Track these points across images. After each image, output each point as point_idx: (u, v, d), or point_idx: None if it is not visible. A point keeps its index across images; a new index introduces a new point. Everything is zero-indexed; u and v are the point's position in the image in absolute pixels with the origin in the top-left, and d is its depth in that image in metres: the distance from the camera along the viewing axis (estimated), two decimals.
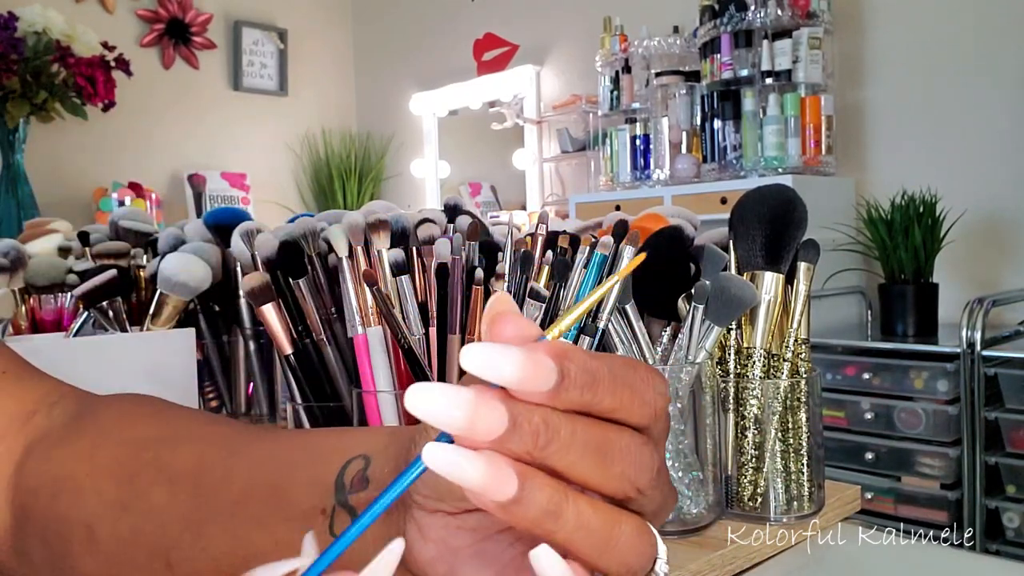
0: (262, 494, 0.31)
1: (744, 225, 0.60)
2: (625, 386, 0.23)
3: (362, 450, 0.30)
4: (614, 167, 2.66)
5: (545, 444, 0.22)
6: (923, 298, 1.90)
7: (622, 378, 0.23)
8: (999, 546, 1.65)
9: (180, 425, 0.37)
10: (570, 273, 0.51)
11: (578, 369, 0.22)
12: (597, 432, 0.23)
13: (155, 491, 0.33)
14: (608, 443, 0.23)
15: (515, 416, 0.21)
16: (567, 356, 0.22)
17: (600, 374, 0.23)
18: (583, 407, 0.23)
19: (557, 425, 0.22)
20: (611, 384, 0.23)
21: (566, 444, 0.22)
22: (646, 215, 0.70)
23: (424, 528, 0.26)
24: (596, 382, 0.22)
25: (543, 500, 0.22)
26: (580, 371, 0.22)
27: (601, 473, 0.23)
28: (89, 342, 0.78)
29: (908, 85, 2.24)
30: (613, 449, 0.23)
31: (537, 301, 0.51)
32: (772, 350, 0.60)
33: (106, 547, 0.34)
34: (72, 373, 0.44)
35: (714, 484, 0.58)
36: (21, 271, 0.94)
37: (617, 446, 0.23)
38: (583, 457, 0.23)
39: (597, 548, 0.23)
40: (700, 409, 0.57)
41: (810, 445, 0.59)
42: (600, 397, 0.23)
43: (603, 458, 0.23)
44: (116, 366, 0.75)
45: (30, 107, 2.70)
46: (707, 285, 0.56)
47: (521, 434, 0.22)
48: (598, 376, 0.22)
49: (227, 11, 3.70)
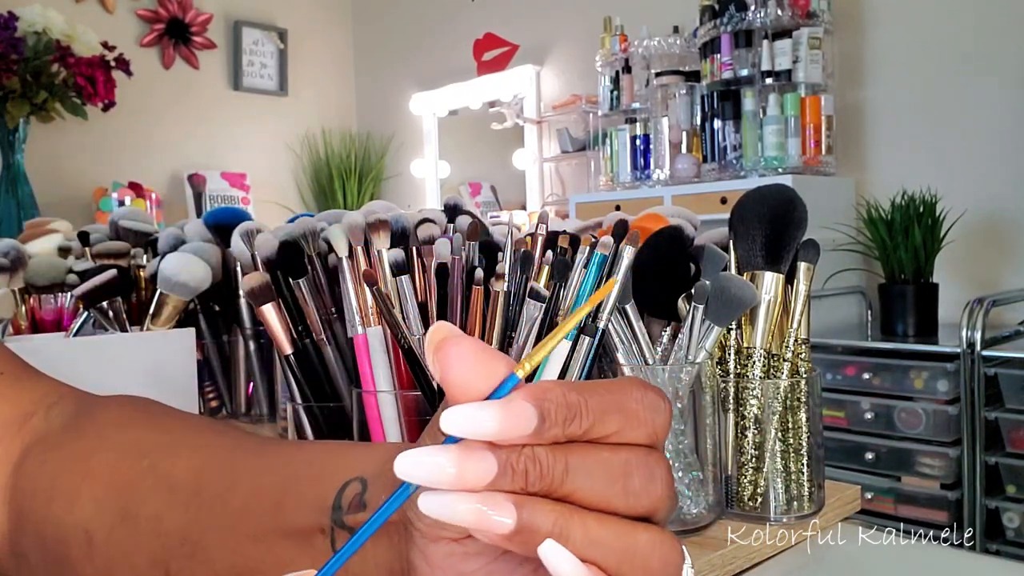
0: (262, 509, 0.31)
1: (744, 225, 0.59)
2: (614, 411, 0.24)
3: (360, 471, 0.30)
4: (614, 167, 2.66)
5: (536, 480, 0.23)
6: (923, 298, 1.90)
7: (610, 404, 0.24)
8: (999, 546, 1.65)
9: (178, 432, 0.37)
10: (570, 273, 0.51)
11: (557, 406, 0.23)
12: (590, 456, 0.23)
13: (153, 500, 0.33)
14: (605, 464, 0.23)
15: (501, 461, 0.22)
16: (545, 397, 0.23)
17: (579, 406, 0.23)
18: (571, 438, 0.23)
19: (545, 460, 0.23)
20: (596, 412, 0.23)
21: (559, 474, 0.23)
22: (646, 215, 0.70)
23: (430, 557, 0.26)
24: (576, 415, 0.23)
25: (546, 524, 0.22)
26: (559, 408, 0.23)
27: (606, 494, 0.23)
28: (89, 342, 0.78)
29: (908, 85, 2.24)
30: (613, 469, 0.23)
31: (537, 301, 0.51)
32: (772, 350, 0.60)
33: (104, 553, 0.33)
34: (72, 373, 0.44)
35: (714, 484, 0.57)
36: (21, 271, 0.94)
37: (615, 465, 0.23)
38: (584, 481, 0.23)
39: (615, 561, 0.23)
40: (700, 409, 0.57)
41: (810, 445, 0.59)
42: (585, 427, 0.23)
43: (604, 480, 0.23)
44: (116, 366, 0.75)
45: (30, 107, 2.70)
46: (707, 285, 0.56)
47: (511, 475, 0.22)
48: (578, 409, 0.23)
49: (227, 11, 3.70)
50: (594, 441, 0.24)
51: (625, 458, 0.24)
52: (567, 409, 0.23)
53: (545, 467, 0.23)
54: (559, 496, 0.23)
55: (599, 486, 0.23)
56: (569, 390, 0.23)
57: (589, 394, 0.24)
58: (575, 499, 0.23)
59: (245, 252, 0.82)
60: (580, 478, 0.23)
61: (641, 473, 0.24)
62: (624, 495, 0.23)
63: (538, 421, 0.22)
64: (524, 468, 0.22)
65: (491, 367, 0.23)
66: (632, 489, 0.24)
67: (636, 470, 0.24)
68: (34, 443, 0.38)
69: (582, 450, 0.23)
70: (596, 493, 0.23)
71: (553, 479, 0.23)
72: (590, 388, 0.24)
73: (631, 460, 0.24)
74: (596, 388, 0.24)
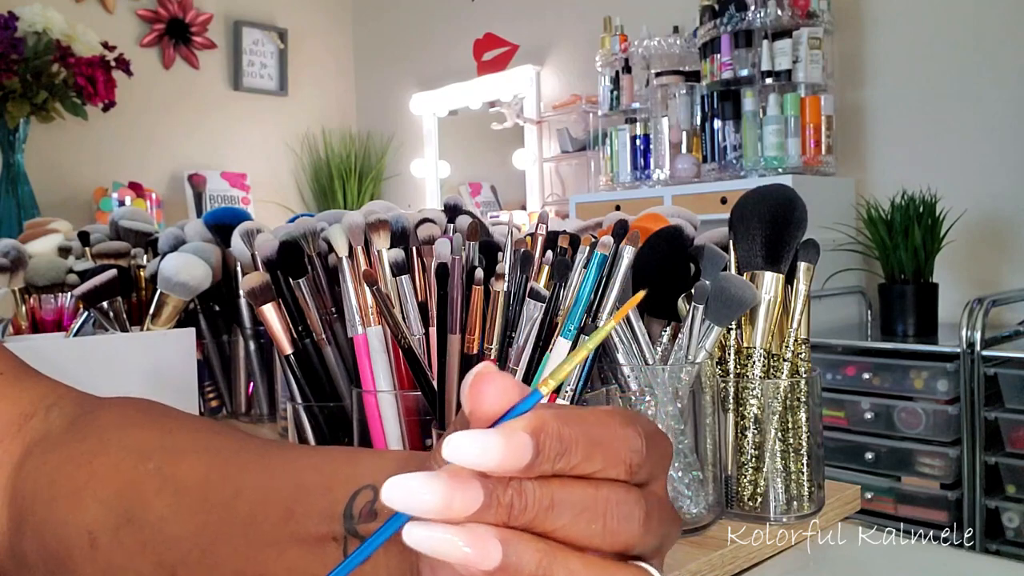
0: (274, 516, 0.31)
1: (744, 225, 0.60)
2: (597, 446, 0.24)
3: (371, 479, 0.30)
4: (614, 167, 2.66)
5: (519, 513, 0.23)
6: (923, 298, 1.90)
7: (596, 438, 0.24)
8: (999, 546, 1.65)
9: (182, 434, 0.37)
10: (570, 273, 0.51)
11: (552, 441, 0.23)
12: (574, 492, 0.23)
13: (159, 502, 0.33)
14: (587, 501, 0.23)
15: (488, 492, 0.22)
16: (543, 430, 0.23)
17: (573, 441, 0.23)
18: (557, 473, 0.23)
19: (531, 495, 0.23)
20: (585, 448, 0.23)
21: (544, 510, 0.23)
22: (646, 215, 0.70)
23: (438, 571, 0.27)
24: (568, 451, 0.23)
25: (531, 564, 0.22)
26: (554, 442, 0.23)
27: (586, 532, 0.23)
28: (89, 342, 0.78)
29: (908, 85, 2.24)
30: (593, 506, 0.24)
31: (537, 301, 0.51)
32: (772, 350, 0.60)
33: (108, 555, 0.33)
34: (72, 373, 0.44)
35: (714, 484, 0.58)
36: (21, 271, 0.94)
37: (596, 502, 0.24)
38: (568, 518, 0.23)
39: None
40: (700, 409, 0.57)
41: (810, 445, 0.59)
42: (573, 463, 0.23)
43: (585, 517, 0.23)
44: (116, 366, 0.75)
45: (30, 107, 2.70)
46: (707, 285, 0.56)
47: (496, 508, 0.22)
48: (571, 444, 0.23)
49: (227, 11, 3.70)
50: (577, 477, 0.24)
51: (605, 495, 0.24)
52: (560, 443, 0.23)
53: (531, 501, 0.23)
54: (540, 532, 0.23)
55: (581, 523, 0.23)
56: (563, 423, 0.23)
57: (584, 427, 0.24)
58: (557, 536, 0.23)
59: (245, 252, 0.82)
60: (564, 515, 0.23)
61: (619, 511, 0.24)
62: (603, 533, 0.24)
63: (532, 455, 0.22)
64: (510, 501, 0.23)
65: (516, 395, 0.23)
66: (610, 527, 0.24)
67: (615, 508, 0.24)
68: (34, 444, 0.38)
69: (567, 486, 0.23)
70: (578, 531, 0.23)
71: (537, 514, 0.23)
72: (578, 420, 0.24)
73: (610, 497, 0.24)
74: (583, 421, 0.24)
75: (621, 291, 0.52)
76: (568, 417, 0.24)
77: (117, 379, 0.74)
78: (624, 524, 0.24)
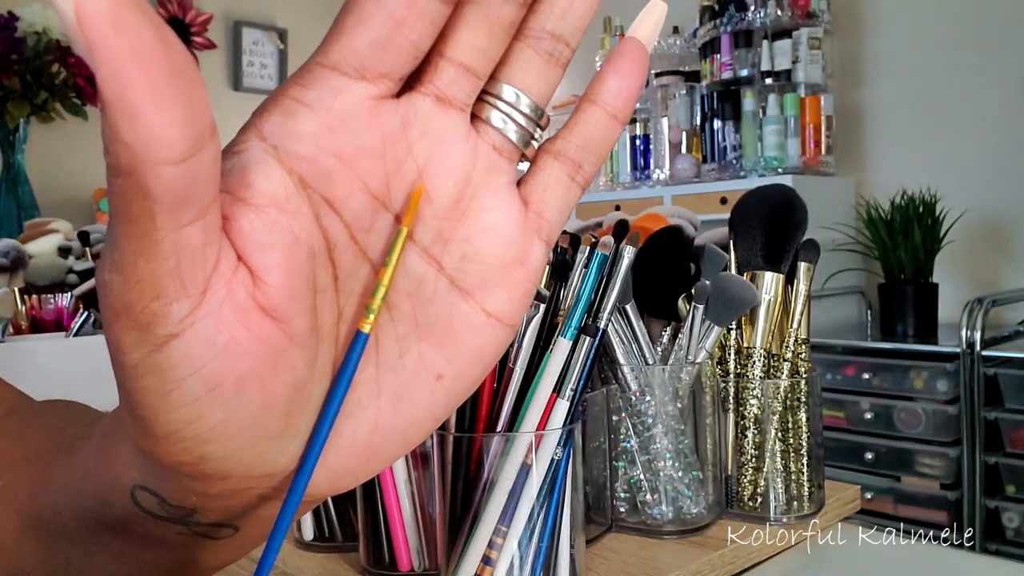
0: (89, 524, 0.27)
1: (744, 225, 0.60)
2: None
3: (135, 479, 0.25)
4: (614, 167, 2.66)
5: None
6: (923, 298, 1.90)
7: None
8: (999, 546, 1.65)
9: (32, 447, 0.32)
10: (570, 273, 0.51)
11: None
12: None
13: (4, 526, 0.29)
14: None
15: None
16: None
17: None
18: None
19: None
20: None
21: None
22: (646, 215, 0.70)
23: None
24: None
25: None
26: None
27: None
28: (89, 342, 0.78)
29: (908, 85, 2.24)
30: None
31: (537, 301, 0.51)
32: (772, 350, 0.60)
33: None
34: (72, 373, 0.44)
35: (714, 484, 0.58)
36: (21, 271, 0.94)
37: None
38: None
39: None
40: (700, 409, 0.57)
41: (810, 445, 0.59)
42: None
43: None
44: None
45: (30, 107, 2.70)
46: (707, 285, 0.56)
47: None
48: None
49: (227, 11, 3.70)
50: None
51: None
52: None
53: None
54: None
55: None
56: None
57: None
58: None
59: None
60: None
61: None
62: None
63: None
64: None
65: None
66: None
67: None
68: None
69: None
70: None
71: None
72: None
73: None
74: None
75: (621, 291, 0.51)
76: None
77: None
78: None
